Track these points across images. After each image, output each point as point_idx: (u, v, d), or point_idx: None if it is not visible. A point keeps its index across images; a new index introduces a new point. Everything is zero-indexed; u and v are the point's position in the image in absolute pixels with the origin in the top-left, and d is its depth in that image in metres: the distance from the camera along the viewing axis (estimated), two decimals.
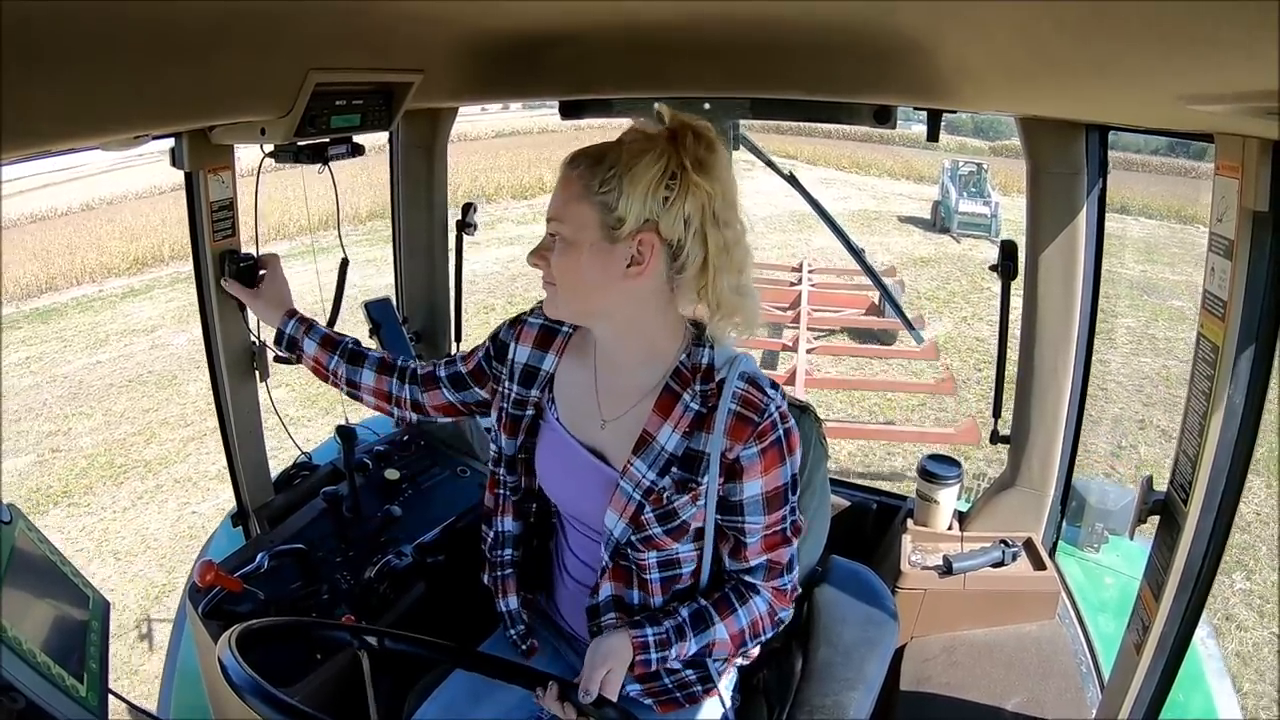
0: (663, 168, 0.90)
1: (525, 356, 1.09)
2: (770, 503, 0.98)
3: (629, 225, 0.90)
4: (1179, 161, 17.06)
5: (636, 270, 0.92)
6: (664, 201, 0.90)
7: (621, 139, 0.93)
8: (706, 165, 0.91)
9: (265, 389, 1.56)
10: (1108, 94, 0.89)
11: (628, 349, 1.01)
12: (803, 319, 7.59)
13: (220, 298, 1.42)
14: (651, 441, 0.98)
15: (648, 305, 0.96)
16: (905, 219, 13.85)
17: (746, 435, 0.95)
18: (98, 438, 6.17)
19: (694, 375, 0.98)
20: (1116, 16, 0.53)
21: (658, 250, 0.91)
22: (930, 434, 5.43)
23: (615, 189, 0.89)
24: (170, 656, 1.61)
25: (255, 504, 1.59)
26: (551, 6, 0.89)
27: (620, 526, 0.99)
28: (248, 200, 1.43)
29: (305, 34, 0.90)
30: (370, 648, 1.01)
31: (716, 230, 0.92)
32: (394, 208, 1.86)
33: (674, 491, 0.98)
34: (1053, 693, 1.41)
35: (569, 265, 0.93)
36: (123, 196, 15.20)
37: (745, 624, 1.02)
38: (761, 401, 0.96)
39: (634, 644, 0.98)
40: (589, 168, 0.91)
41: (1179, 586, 0.99)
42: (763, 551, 1.01)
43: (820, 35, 0.97)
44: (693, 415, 0.97)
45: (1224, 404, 0.91)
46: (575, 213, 0.92)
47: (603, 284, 0.93)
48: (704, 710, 1.11)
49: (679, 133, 0.91)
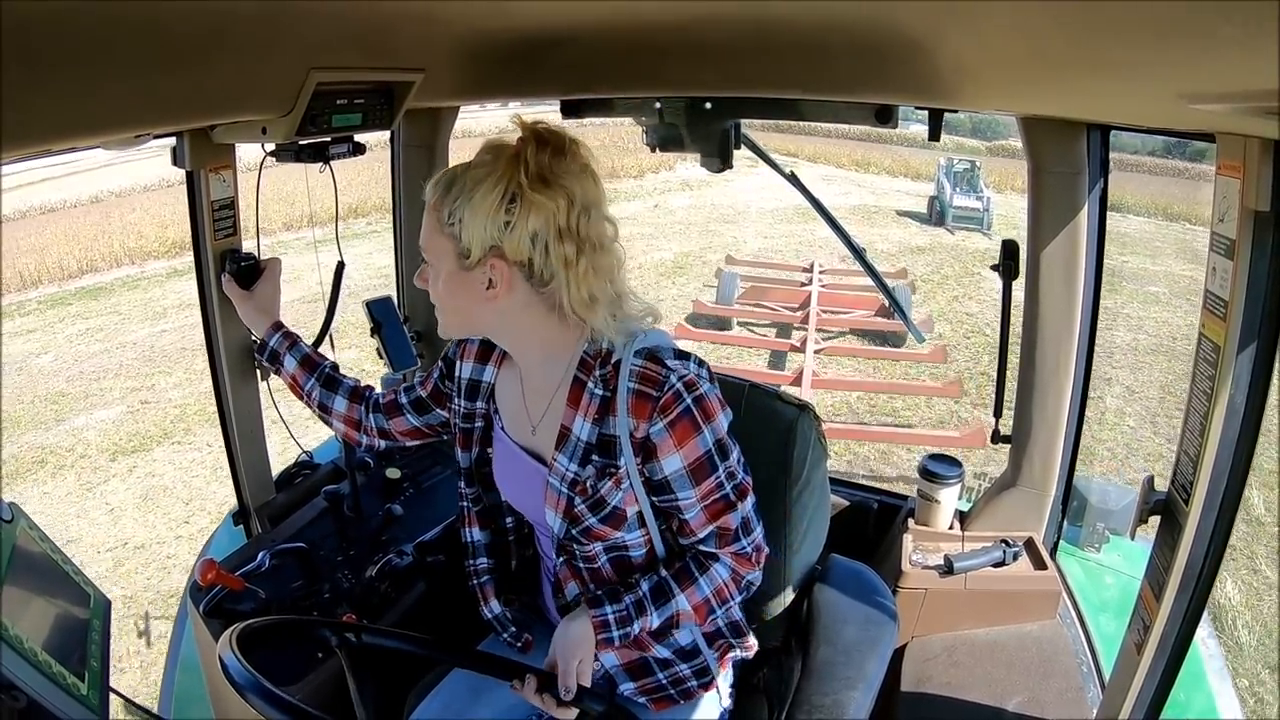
0: (501, 192, 0.90)
1: (469, 371, 1.12)
2: (696, 474, 0.97)
3: (475, 254, 0.92)
4: (1170, 163, 18.12)
5: (493, 293, 0.94)
6: (505, 226, 0.91)
7: (471, 161, 0.94)
8: (550, 177, 0.91)
9: (266, 388, 1.56)
10: (1109, 93, 0.89)
11: (529, 354, 1.03)
12: (811, 320, 7.59)
13: (221, 297, 1.42)
14: (569, 434, 1.00)
15: (525, 317, 0.98)
16: (903, 213, 14.48)
17: (649, 412, 0.94)
18: (185, 390, 6.75)
19: (595, 361, 0.99)
20: (1117, 15, 0.53)
21: (509, 272, 0.93)
22: (936, 437, 5.42)
23: (458, 221, 0.92)
24: (171, 655, 1.61)
25: (256, 503, 1.59)
26: (552, 6, 0.89)
27: (558, 522, 1.01)
28: (248, 199, 1.43)
29: (306, 33, 0.90)
30: (350, 644, 1.00)
31: (561, 244, 0.92)
32: (395, 207, 1.86)
33: (596, 479, 0.98)
34: (1053, 692, 1.40)
35: (439, 291, 0.98)
36: (130, 189, 15.98)
37: (709, 592, 1.02)
38: (660, 375, 0.95)
39: (594, 623, 0.99)
40: (440, 198, 0.94)
41: (1180, 586, 0.99)
42: (708, 521, 1.01)
43: (820, 35, 0.97)
44: (598, 400, 0.97)
45: (1225, 404, 0.91)
46: (434, 245, 0.96)
47: (469, 306, 0.97)
48: (702, 709, 1.10)
49: (523, 146, 0.91)
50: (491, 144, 0.93)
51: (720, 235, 12.44)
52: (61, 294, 10.70)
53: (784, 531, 1.23)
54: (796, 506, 1.23)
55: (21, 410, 6.72)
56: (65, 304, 10.27)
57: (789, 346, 7.32)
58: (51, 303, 10.33)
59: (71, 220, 14.01)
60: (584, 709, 0.96)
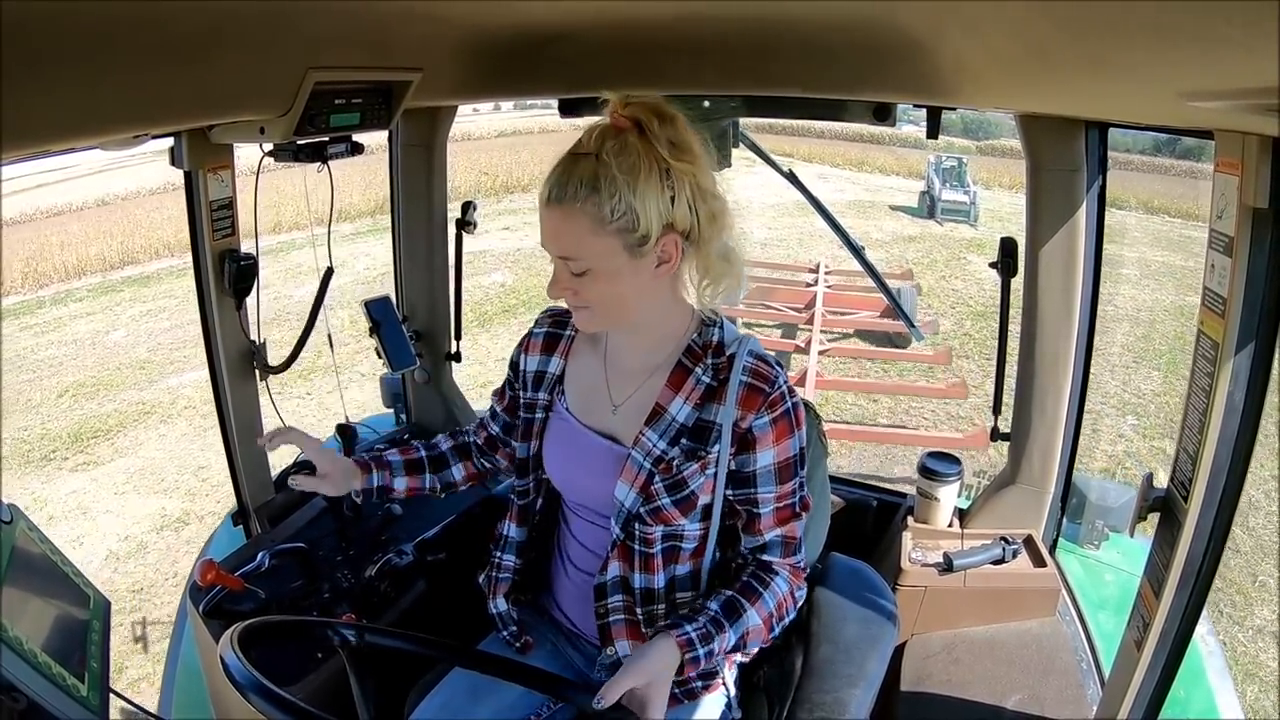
0: (656, 171, 0.91)
1: (534, 364, 1.13)
2: (782, 473, 1.00)
3: (654, 235, 0.92)
4: (1157, 160, 18.90)
5: (665, 269, 0.95)
6: (671, 201, 0.92)
7: (595, 153, 0.91)
8: (680, 143, 0.92)
9: (265, 388, 1.56)
10: (1107, 91, 0.89)
11: (644, 335, 1.04)
12: (816, 320, 7.60)
13: (220, 298, 1.42)
14: (663, 413, 1.01)
15: (664, 291, 0.99)
16: (895, 207, 15.55)
17: (758, 405, 0.98)
18: (271, 354, 6.94)
19: (705, 351, 1.01)
20: (1115, 13, 0.53)
21: (679, 243, 0.95)
22: (939, 439, 5.42)
23: (627, 212, 0.90)
24: (171, 656, 1.61)
25: (256, 503, 1.59)
26: (551, 5, 0.89)
27: (631, 496, 1.01)
28: (248, 197, 1.43)
29: (304, 33, 0.90)
30: (351, 643, 1.00)
31: (705, 202, 0.95)
32: (394, 206, 1.86)
33: (683, 460, 0.99)
34: (1053, 690, 1.41)
35: (605, 290, 0.95)
36: (135, 193, 16.28)
37: (772, 607, 1.02)
38: (771, 374, 0.99)
39: (678, 643, 0.94)
40: (588, 199, 0.90)
41: (1179, 583, 0.99)
42: (775, 525, 1.02)
43: (819, 33, 0.97)
44: (704, 388, 1.00)
45: (1224, 401, 0.91)
46: (594, 246, 0.92)
47: (638, 293, 0.96)
48: (705, 707, 1.10)
49: (643, 123, 0.91)
50: (604, 129, 0.92)
51: None
52: (108, 283, 11.25)
53: None
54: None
55: (111, 375, 7.56)
56: (116, 290, 10.82)
57: (793, 347, 7.33)
58: (101, 290, 10.92)
59: (74, 223, 14.30)
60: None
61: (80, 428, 6.42)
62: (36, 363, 8.11)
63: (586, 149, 0.92)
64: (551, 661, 1.18)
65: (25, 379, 7.60)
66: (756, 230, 13.02)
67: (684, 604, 1.06)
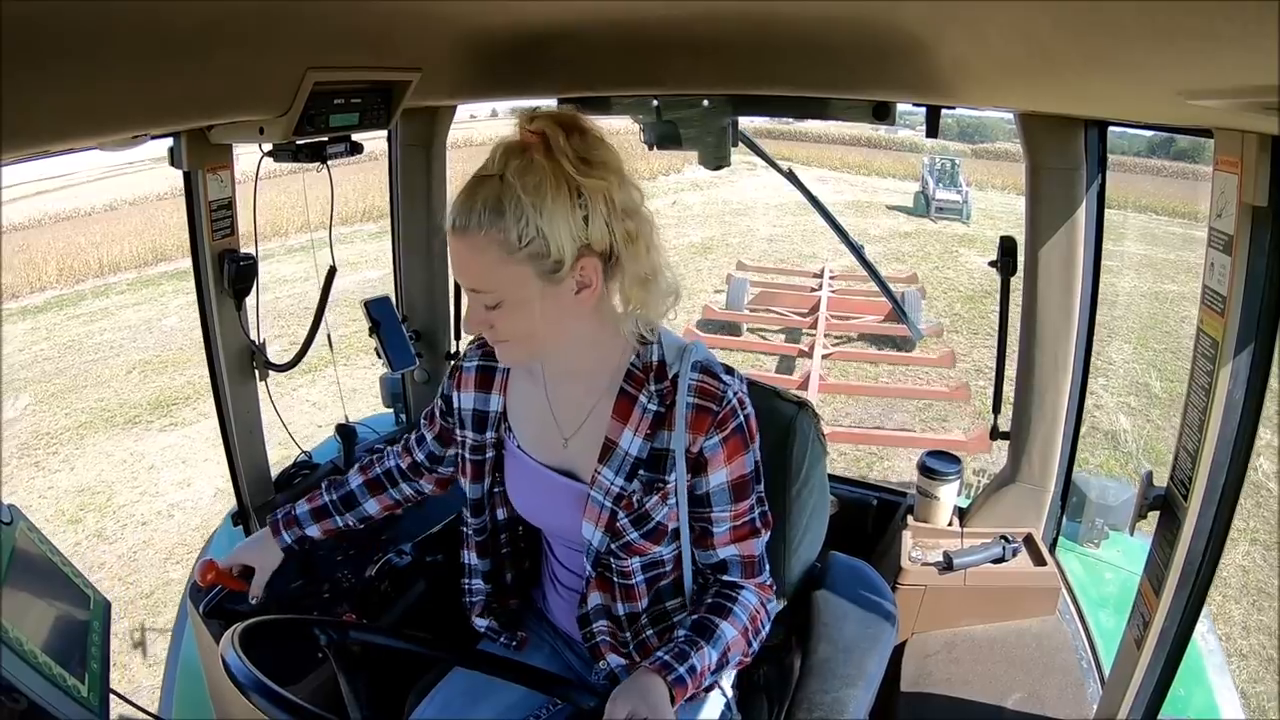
0: (565, 188, 0.85)
1: (470, 402, 1.08)
2: (736, 490, 0.98)
3: (568, 260, 0.86)
4: (1149, 161, 20.38)
5: (585, 295, 0.90)
6: (585, 222, 0.86)
7: (499, 174, 0.85)
8: (589, 157, 0.86)
9: (265, 388, 1.56)
10: (1106, 90, 0.89)
11: (578, 363, 1.00)
12: (820, 325, 7.62)
13: (219, 298, 1.42)
14: (615, 448, 0.97)
15: (589, 317, 0.94)
16: (891, 207, 16.55)
17: (707, 425, 0.94)
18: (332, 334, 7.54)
19: (646, 375, 0.97)
20: (1114, 12, 0.53)
21: (597, 266, 0.89)
22: (941, 441, 5.41)
23: (536, 237, 0.84)
24: (171, 656, 1.61)
25: (256, 503, 1.59)
26: (550, 5, 0.89)
27: (598, 536, 0.99)
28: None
29: (303, 33, 0.90)
30: (351, 643, 1.00)
31: (622, 221, 0.89)
32: (393, 206, 1.86)
33: (643, 494, 0.97)
34: (1053, 688, 1.41)
35: (520, 322, 0.90)
36: (144, 197, 16.68)
37: (745, 620, 1.01)
38: (719, 389, 0.95)
39: (653, 669, 0.90)
40: (493, 224, 0.84)
41: (1179, 582, 0.99)
42: (730, 542, 1.00)
43: (819, 32, 0.97)
44: (652, 415, 0.96)
45: (1224, 399, 0.91)
46: (504, 276, 0.86)
47: (559, 322, 0.91)
48: (705, 708, 1.11)
49: (549, 137, 0.85)
50: (509, 147, 0.87)
51: (735, 224, 14.26)
52: (144, 277, 11.77)
53: (784, 530, 1.23)
54: (796, 504, 1.23)
55: (175, 354, 7.95)
56: (155, 284, 11.28)
57: (796, 351, 7.35)
58: (140, 284, 11.41)
59: (87, 227, 14.65)
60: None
61: (159, 396, 6.86)
62: (95, 345, 8.61)
63: (490, 170, 0.86)
64: (551, 663, 1.18)
65: (88, 359, 8.14)
66: (762, 228, 13.77)
67: (674, 610, 1.06)
